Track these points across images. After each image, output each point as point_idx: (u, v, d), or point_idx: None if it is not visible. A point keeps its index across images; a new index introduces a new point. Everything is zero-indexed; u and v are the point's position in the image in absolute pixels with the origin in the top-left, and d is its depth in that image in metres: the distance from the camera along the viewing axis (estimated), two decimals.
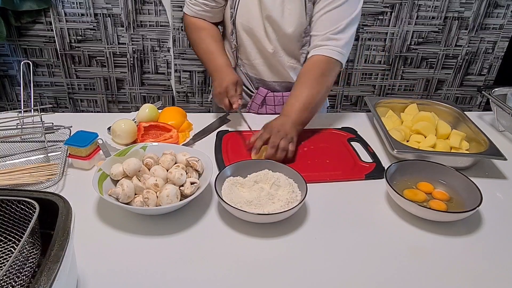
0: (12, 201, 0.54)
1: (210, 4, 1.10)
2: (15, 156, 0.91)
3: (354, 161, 0.95)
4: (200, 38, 1.13)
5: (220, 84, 1.05)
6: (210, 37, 1.13)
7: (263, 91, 1.19)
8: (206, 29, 1.14)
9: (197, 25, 1.14)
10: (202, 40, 1.13)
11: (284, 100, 1.19)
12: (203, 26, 1.14)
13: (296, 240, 0.72)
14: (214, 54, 1.11)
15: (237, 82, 1.07)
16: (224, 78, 1.06)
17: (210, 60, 1.11)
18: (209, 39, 1.13)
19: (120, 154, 0.83)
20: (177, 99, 2.32)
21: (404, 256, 0.69)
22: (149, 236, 0.71)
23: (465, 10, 2.12)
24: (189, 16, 1.15)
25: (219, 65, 1.09)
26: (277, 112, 1.19)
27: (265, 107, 1.21)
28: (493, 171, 0.95)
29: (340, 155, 0.98)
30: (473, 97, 2.42)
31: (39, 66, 2.18)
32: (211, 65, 1.11)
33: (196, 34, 1.14)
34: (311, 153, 0.98)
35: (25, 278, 0.50)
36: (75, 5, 2.01)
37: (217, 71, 1.09)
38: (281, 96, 1.20)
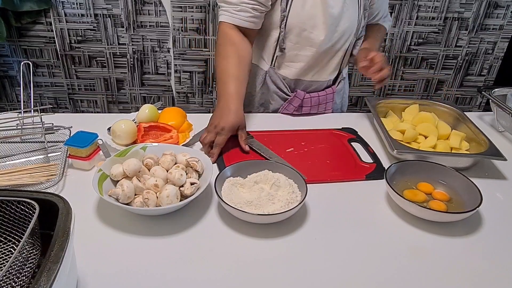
0: (12, 201, 0.54)
1: (260, 8, 1.03)
2: (15, 156, 0.91)
3: (355, 162, 0.95)
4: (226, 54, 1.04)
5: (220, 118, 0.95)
6: (236, 56, 1.04)
7: (301, 94, 1.17)
8: (236, 45, 1.05)
9: (230, 38, 1.05)
10: (226, 58, 1.04)
11: (320, 100, 1.20)
12: (235, 41, 1.05)
13: (296, 240, 0.72)
14: (231, 79, 1.01)
15: (240, 125, 0.97)
16: (226, 115, 0.95)
17: (224, 83, 1.02)
18: (234, 58, 1.03)
19: (120, 155, 0.83)
20: (177, 99, 2.32)
21: (404, 257, 0.69)
22: (149, 237, 0.71)
23: (465, 10, 2.13)
24: (229, 24, 1.04)
25: (231, 93, 0.99)
26: (312, 113, 1.20)
27: (302, 109, 1.20)
28: (493, 171, 0.95)
29: (340, 155, 0.98)
30: (473, 98, 2.42)
31: (39, 66, 2.18)
32: (223, 89, 1.01)
33: (224, 48, 1.05)
34: (311, 153, 0.98)
35: (25, 278, 0.50)
36: (75, 5, 2.01)
37: (225, 99, 0.99)
38: (317, 97, 1.19)
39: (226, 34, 1.05)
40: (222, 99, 1.00)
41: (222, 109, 0.98)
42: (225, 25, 1.05)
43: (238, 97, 1.00)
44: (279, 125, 1.11)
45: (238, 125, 0.96)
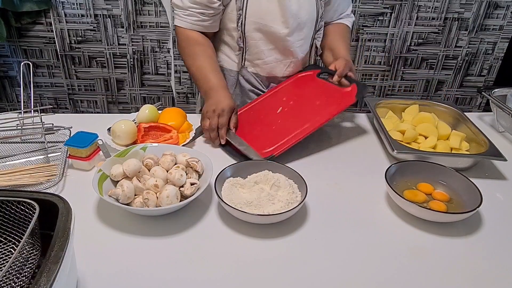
0: (12, 202, 0.54)
1: (207, 12, 1.05)
2: (15, 157, 0.91)
3: (338, 91, 0.98)
4: (195, 53, 1.08)
5: (216, 104, 0.99)
6: (206, 54, 1.08)
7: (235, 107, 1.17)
8: (201, 44, 1.08)
9: (192, 39, 1.08)
10: (197, 56, 1.07)
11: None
12: (198, 41, 1.08)
13: (296, 240, 0.72)
14: (211, 73, 1.05)
15: (234, 109, 1.02)
16: (222, 100, 1.00)
17: (206, 78, 1.05)
18: (204, 56, 1.07)
19: (120, 155, 0.83)
20: (177, 100, 2.32)
21: (404, 257, 0.69)
22: (149, 237, 0.71)
23: (465, 11, 2.13)
24: (183, 28, 1.08)
25: (216, 84, 1.03)
26: None
27: None
28: (493, 171, 0.95)
29: (323, 92, 1.01)
30: (473, 98, 2.42)
31: (39, 67, 2.18)
32: (206, 83, 1.05)
33: (190, 49, 1.08)
34: (299, 103, 1.01)
35: (25, 279, 0.50)
36: (75, 6, 2.01)
37: (214, 90, 1.03)
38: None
39: (187, 36, 1.09)
40: (211, 91, 1.03)
41: (215, 97, 1.01)
42: (180, 29, 1.09)
43: (225, 86, 1.06)
44: None
45: (234, 108, 1.02)
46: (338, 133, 1.10)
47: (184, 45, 1.10)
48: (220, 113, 0.98)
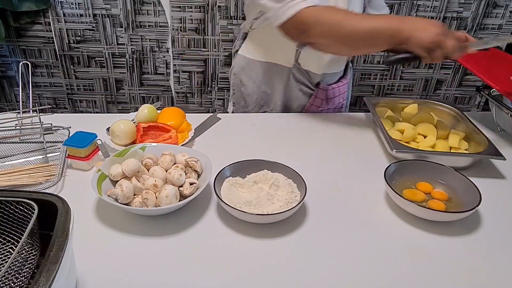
0: (11, 202, 0.54)
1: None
2: (14, 157, 0.91)
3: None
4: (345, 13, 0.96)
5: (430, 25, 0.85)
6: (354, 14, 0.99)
7: (325, 86, 1.18)
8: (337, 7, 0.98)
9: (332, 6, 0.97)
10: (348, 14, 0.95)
11: (340, 90, 1.22)
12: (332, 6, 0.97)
13: (296, 240, 0.72)
14: (377, 18, 0.97)
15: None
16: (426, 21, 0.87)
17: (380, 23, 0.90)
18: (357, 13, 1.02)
19: (119, 155, 0.83)
20: (176, 99, 2.32)
21: (403, 256, 0.69)
22: (148, 237, 0.71)
23: (464, 10, 2.13)
24: (313, 6, 0.93)
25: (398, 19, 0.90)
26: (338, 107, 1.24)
27: (327, 101, 1.21)
28: (492, 171, 0.95)
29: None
30: (472, 97, 2.43)
31: (38, 67, 2.18)
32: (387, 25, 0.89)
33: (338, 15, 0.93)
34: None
35: (24, 279, 0.50)
36: (74, 5, 2.01)
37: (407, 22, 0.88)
38: (337, 87, 1.21)
39: (327, 6, 0.96)
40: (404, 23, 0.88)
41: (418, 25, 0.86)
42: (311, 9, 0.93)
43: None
44: (288, 125, 1.11)
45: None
46: (337, 132, 1.10)
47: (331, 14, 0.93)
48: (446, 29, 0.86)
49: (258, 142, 1.03)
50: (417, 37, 0.84)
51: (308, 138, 1.06)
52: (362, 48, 1.02)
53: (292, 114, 1.21)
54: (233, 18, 2.08)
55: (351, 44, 0.96)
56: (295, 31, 0.98)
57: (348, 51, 1.06)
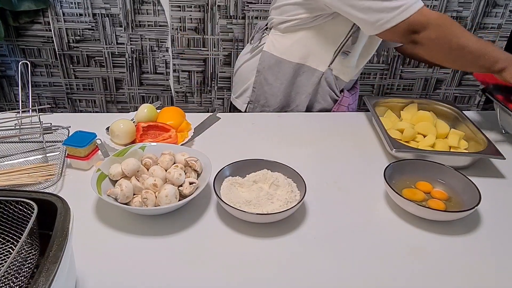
0: (10, 201, 0.54)
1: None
2: (13, 156, 0.91)
3: None
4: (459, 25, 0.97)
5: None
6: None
7: (348, 93, 1.21)
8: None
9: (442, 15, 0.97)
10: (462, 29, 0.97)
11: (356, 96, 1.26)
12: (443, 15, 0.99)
13: (295, 239, 0.72)
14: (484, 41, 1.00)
15: None
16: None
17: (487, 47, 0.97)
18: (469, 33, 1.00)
19: (119, 154, 0.83)
20: (176, 99, 2.31)
21: (402, 255, 0.69)
22: (148, 236, 0.71)
23: (464, 9, 2.13)
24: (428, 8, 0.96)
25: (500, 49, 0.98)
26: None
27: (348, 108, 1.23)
28: (492, 170, 0.95)
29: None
30: (471, 97, 2.43)
31: (38, 66, 2.18)
32: (493, 52, 0.97)
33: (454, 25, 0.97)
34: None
35: (23, 278, 0.50)
36: (73, 5, 2.01)
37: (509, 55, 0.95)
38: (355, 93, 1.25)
39: (442, 14, 0.99)
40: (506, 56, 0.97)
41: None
42: (427, 11, 0.96)
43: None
44: (288, 125, 1.11)
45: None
46: (336, 132, 1.10)
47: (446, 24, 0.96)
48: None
49: (257, 141, 1.03)
50: (510, 70, 0.94)
51: (308, 138, 1.06)
52: (459, 64, 1.03)
53: (292, 113, 1.21)
54: (233, 18, 2.08)
55: (454, 57, 0.99)
56: (406, 31, 0.98)
57: (445, 61, 1.05)
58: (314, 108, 1.23)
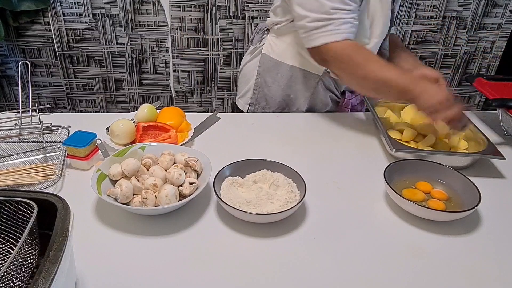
0: (10, 201, 0.54)
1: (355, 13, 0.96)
2: (13, 156, 0.91)
3: None
4: (368, 57, 0.96)
5: (438, 94, 0.88)
6: (373, 55, 0.99)
7: (350, 95, 1.20)
8: (361, 47, 0.98)
9: (351, 46, 0.95)
10: (370, 59, 0.95)
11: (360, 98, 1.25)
12: (356, 44, 0.96)
13: (295, 239, 0.72)
14: (395, 70, 0.95)
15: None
16: (437, 90, 0.90)
17: (395, 76, 0.93)
18: (375, 56, 0.98)
19: (119, 155, 0.83)
20: (176, 99, 2.32)
21: (402, 255, 0.69)
22: (148, 236, 0.71)
23: (464, 9, 2.13)
24: (341, 41, 0.94)
25: (413, 77, 0.94)
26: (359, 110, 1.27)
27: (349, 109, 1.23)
28: (492, 170, 0.95)
29: None
30: (471, 97, 2.43)
31: (37, 66, 2.18)
32: (401, 80, 0.92)
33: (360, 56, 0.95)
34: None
35: (23, 278, 0.50)
36: (73, 5, 2.01)
37: (419, 85, 0.91)
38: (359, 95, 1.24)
39: (346, 45, 0.95)
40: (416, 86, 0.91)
41: (429, 90, 0.90)
42: (338, 43, 0.95)
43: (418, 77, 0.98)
44: (288, 125, 1.11)
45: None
46: (336, 131, 1.10)
47: (348, 55, 0.95)
48: (451, 101, 0.89)
49: (257, 141, 1.03)
50: (422, 99, 0.90)
51: (307, 138, 1.06)
52: (371, 93, 1.03)
53: (291, 113, 1.21)
54: (233, 18, 2.08)
55: (363, 86, 1.00)
56: (318, 58, 1.02)
57: (360, 90, 1.08)
58: (317, 109, 1.22)
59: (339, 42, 0.95)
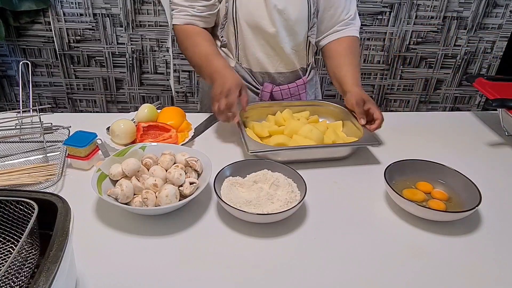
0: (11, 201, 0.54)
1: (198, 6, 1.06)
2: (14, 156, 0.91)
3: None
4: (195, 42, 1.07)
5: (222, 85, 0.94)
6: (206, 41, 1.07)
7: (269, 87, 1.18)
8: (198, 34, 1.08)
9: (189, 31, 1.09)
10: (198, 44, 1.06)
11: (291, 92, 1.20)
12: (197, 31, 1.08)
13: (295, 240, 0.72)
14: (213, 56, 1.03)
15: (242, 85, 0.97)
16: (227, 80, 0.95)
17: (208, 62, 1.03)
18: (205, 42, 1.07)
19: (119, 154, 0.83)
20: (176, 99, 2.32)
21: (403, 256, 0.69)
22: (148, 236, 0.71)
23: (464, 10, 2.13)
24: (180, 25, 1.09)
25: (220, 66, 1.00)
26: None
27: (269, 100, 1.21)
28: (492, 170, 0.95)
29: None
30: (472, 97, 2.43)
31: (38, 66, 2.18)
32: (209, 67, 1.02)
33: (190, 40, 1.08)
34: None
35: (23, 278, 0.50)
36: (74, 5, 2.01)
37: (218, 72, 0.99)
38: (287, 89, 1.19)
39: (184, 30, 1.09)
40: (215, 74, 0.99)
41: (219, 78, 0.97)
42: (177, 27, 1.10)
43: (228, 66, 1.02)
44: None
45: (241, 84, 0.97)
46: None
47: (183, 38, 1.10)
48: (228, 93, 0.93)
49: None
50: (212, 87, 0.98)
51: None
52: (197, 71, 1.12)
53: None
54: None
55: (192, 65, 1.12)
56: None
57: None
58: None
59: (177, 25, 1.10)
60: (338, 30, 1.16)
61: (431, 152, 0.99)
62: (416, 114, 1.35)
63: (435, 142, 1.07)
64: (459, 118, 1.22)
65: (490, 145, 1.07)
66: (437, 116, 1.25)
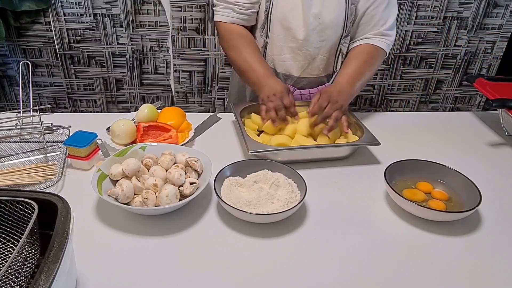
0: (11, 201, 0.54)
1: (244, 3, 1.08)
2: (14, 156, 0.91)
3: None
4: (239, 46, 1.09)
5: (273, 89, 1.00)
6: (249, 46, 1.10)
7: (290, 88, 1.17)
8: (243, 37, 1.11)
9: (235, 32, 1.11)
10: (241, 48, 1.09)
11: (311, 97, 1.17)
12: (240, 33, 1.11)
13: (296, 240, 0.72)
14: (258, 64, 1.07)
15: (290, 90, 1.03)
16: (277, 85, 1.01)
17: (252, 69, 1.06)
18: (250, 47, 1.09)
19: (119, 154, 0.83)
20: (177, 99, 2.32)
21: (403, 256, 0.69)
22: (148, 236, 0.71)
23: (464, 10, 2.13)
24: (224, 23, 1.11)
25: (266, 73, 1.05)
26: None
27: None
28: (492, 170, 0.95)
29: None
30: (472, 97, 2.43)
31: (38, 66, 2.18)
32: (254, 73, 1.06)
33: (233, 42, 1.10)
34: None
35: (24, 278, 0.50)
36: (74, 5, 2.01)
37: (265, 78, 1.04)
38: (308, 94, 1.18)
39: (228, 29, 1.11)
40: (263, 79, 1.04)
41: (269, 84, 1.02)
42: (221, 24, 1.12)
43: (273, 74, 1.08)
44: None
45: (289, 89, 1.04)
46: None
47: (227, 38, 1.12)
48: (282, 96, 1.00)
49: None
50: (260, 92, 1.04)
51: None
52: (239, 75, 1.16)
53: None
54: None
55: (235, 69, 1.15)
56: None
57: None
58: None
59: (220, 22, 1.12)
60: (368, 37, 1.12)
61: (431, 152, 0.99)
62: (416, 114, 1.35)
63: (435, 142, 1.07)
64: (459, 118, 1.22)
65: (490, 145, 1.07)
66: (437, 116, 1.26)
